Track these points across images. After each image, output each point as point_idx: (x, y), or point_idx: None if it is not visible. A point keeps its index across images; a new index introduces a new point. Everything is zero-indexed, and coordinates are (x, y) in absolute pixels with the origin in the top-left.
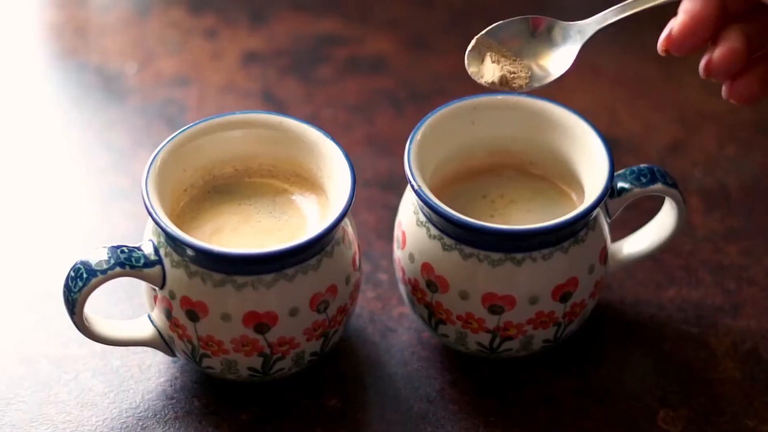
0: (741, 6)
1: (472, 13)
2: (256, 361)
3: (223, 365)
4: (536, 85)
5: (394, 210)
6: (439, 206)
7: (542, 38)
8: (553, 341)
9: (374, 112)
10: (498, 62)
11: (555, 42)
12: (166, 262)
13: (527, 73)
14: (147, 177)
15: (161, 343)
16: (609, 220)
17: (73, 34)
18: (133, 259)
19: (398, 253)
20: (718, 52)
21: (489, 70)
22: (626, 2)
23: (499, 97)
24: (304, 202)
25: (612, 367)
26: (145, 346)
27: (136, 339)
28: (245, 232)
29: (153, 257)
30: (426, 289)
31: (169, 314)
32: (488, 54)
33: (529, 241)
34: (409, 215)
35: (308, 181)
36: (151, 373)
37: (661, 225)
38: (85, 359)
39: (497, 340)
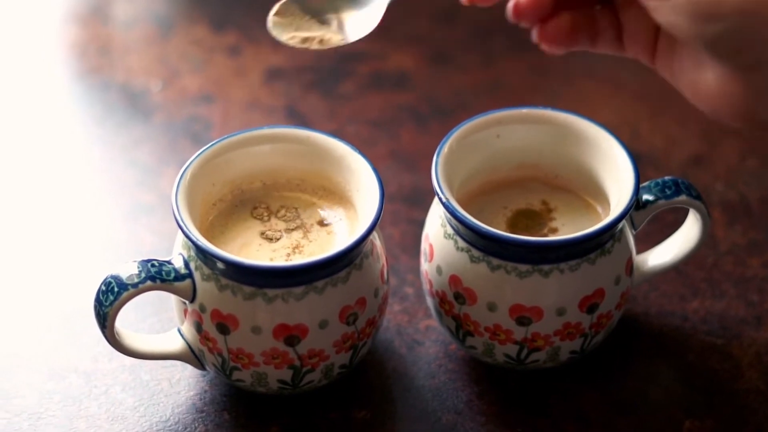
0: None
1: (493, 28)
2: (286, 374)
3: (254, 378)
4: (330, 44)
5: (419, 224)
6: (467, 219)
7: (342, 1)
8: (580, 352)
9: (397, 128)
10: (301, 26)
11: (358, 2)
12: (197, 275)
13: (336, 34)
14: (177, 191)
15: (191, 356)
16: (634, 232)
17: (97, 53)
18: (163, 273)
19: (426, 266)
20: None
21: (292, 31)
22: None
23: (525, 110)
24: (332, 215)
25: (638, 378)
26: (175, 359)
27: (166, 353)
28: (274, 245)
29: (183, 271)
30: (454, 301)
31: (199, 327)
32: (290, 17)
33: (557, 252)
34: (436, 228)
35: (336, 195)
36: (181, 386)
37: (686, 237)
38: (114, 373)
39: (525, 352)
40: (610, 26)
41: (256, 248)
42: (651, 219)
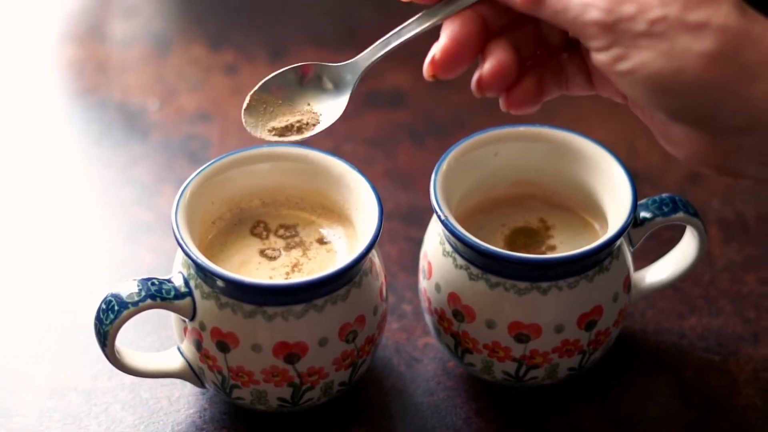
0: (502, 19)
1: None
2: (286, 392)
3: (253, 396)
4: (305, 134)
5: (416, 242)
6: (466, 236)
7: (312, 85)
8: (578, 369)
9: (394, 146)
10: (275, 115)
11: (325, 87)
12: (197, 293)
13: (309, 120)
14: (176, 209)
15: (191, 374)
16: (632, 249)
17: (95, 71)
18: (163, 291)
19: (424, 284)
20: (487, 67)
21: (266, 123)
22: (389, 35)
23: (522, 128)
24: (331, 233)
25: (635, 394)
26: (175, 377)
27: (166, 371)
28: (273, 263)
29: (183, 289)
30: (452, 318)
31: (199, 345)
32: (263, 108)
33: (555, 270)
34: (435, 246)
35: (335, 213)
36: (180, 404)
37: (683, 254)
38: (114, 391)
39: (523, 369)
40: (578, 72)
41: (255, 266)
42: (648, 236)
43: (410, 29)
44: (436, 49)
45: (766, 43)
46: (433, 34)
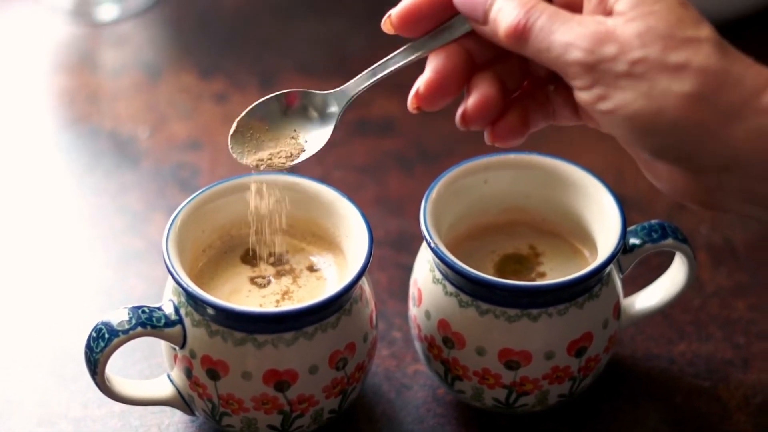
0: (488, 52)
1: None
2: (276, 419)
3: (243, 423)
4: (290, 163)
5: (406, 269)
6: (456, 263)
7: (297, 114)
8: (568, 396)
9: (384, 173)
10: (261, 142)
11: (311, 116)
12: (187, 321)
13: (294, 149)
14: (167, 238)
15: (181, 402)
16: (621, 276)
17: (86, 100)
18: (154, 319)
19: (414, 311)
20: (471, 101)
21: (252, 150)
22: (375, 66)
23: (512, 156)
24: (321, 261)
25: (625, 421)
26: (165, 405)
27: (156, 398)
28: (263, 291)
29: (174, 317)
30: (442, 345)
31: (189, 373)
32: (250, 134)
33: (545, 297)
34: (425, 273)
35: (325, 241)
36: None
37: (672, 280)
38: (104, 420)
39: (513, 396)
40: (565, 103)
41: (245, 294)
42: (637, 262)
43: (396, 61)
44: (420, 82)
45: (746, 84)
46: (423, 62)
